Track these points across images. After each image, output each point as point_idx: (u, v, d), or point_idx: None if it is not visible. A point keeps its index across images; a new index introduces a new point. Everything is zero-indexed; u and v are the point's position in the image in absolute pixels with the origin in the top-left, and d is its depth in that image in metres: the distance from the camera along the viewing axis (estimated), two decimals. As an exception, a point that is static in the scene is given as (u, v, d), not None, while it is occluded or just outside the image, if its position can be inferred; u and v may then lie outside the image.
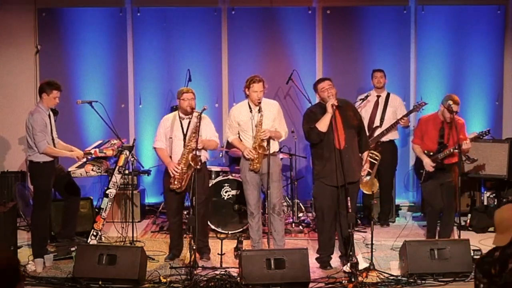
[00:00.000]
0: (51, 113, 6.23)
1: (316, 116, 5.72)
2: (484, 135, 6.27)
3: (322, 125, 5.63)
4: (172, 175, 5.91)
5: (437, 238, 6.25)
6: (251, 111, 6.00)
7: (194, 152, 5.71)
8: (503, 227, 3.38)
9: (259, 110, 5.95)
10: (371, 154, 5.80)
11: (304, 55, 8.19)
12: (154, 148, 6.18)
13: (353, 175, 5.66)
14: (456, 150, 5.99)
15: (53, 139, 6.21)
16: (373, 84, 7.54)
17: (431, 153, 6.21)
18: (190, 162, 5.74)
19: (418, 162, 6.35)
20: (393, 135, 7.46)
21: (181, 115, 6.06)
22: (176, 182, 5.90)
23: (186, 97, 5.99)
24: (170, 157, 6.03)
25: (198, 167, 5.69)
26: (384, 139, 7.35)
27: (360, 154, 5.82)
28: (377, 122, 7.40)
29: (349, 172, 5.56)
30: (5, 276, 3.18)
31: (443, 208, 6.29)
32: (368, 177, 5.72)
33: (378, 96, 7.51)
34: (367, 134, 7.28)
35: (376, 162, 5.78)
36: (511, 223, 3.36)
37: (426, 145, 6.26)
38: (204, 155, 6.06)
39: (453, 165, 6.16)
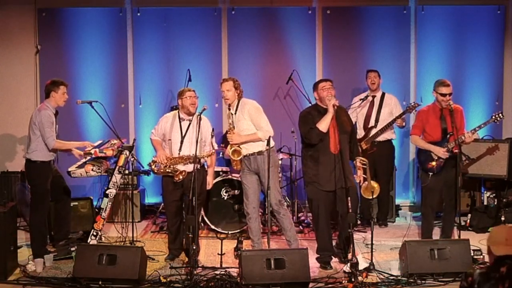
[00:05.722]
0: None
1: (313, 118, 5.71)
2: (497, 118, 6.03)
3: (324, 125, 5.62)
4: (155, 160, 5.93)
5: (436, 237, 6.24)
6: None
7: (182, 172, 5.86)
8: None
9: (235, 112, 5.96)
10: (360, 160, 5.81)
11: (304, 55, 8.19)
12: (151, 139, 6.17)
13: (350, 180, 5.69)
14: (461, 140, 5.93)
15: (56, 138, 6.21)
16: (367, 84, 7.51)
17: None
18: (173, 171, 5.87)
19: (422, 155, 6.17)
20: (390, 135, 7.42)
21: (182, 116, 6.02)
22: (156, 167, 5.97)
23: (189, 95, 5.95)
24: None
25: (176, 179, 5.85)
26: (381, 138, 7.32)
27: (350, 161, 5.83)
28: (372, 123, 7.37)
29: (344, 177, 5.58)
30: None
31: (444, 207, 6.28)
32: (365, 183, 5.73)
33: (374, 96, 7.48)
34: (363, 134, 7.31)
35: (365, 166, 5.79)
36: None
37: (429, 136, 6.14)
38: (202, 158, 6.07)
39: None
